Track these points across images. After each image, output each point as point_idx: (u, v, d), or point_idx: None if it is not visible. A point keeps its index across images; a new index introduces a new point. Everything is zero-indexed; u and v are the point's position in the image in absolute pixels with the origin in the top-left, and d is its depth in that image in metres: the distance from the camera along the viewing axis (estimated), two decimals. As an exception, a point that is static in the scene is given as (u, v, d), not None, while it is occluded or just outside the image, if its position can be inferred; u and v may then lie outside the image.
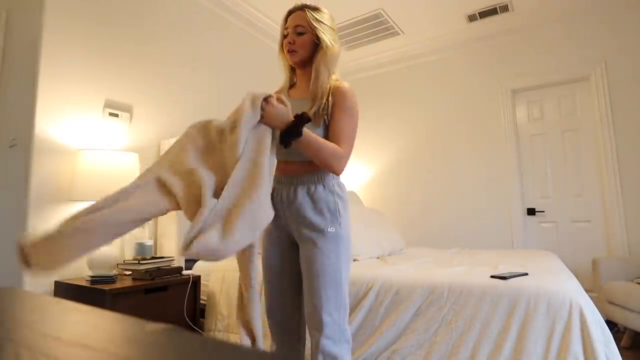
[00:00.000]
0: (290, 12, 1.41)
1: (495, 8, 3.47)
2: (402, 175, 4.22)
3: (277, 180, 1.38)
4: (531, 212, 3.56)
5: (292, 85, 1.49)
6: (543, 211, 3.53)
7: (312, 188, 1.32)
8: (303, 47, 1.36)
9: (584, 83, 3.45)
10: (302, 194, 1.32)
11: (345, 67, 4.53)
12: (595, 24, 3.37)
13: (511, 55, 3.72)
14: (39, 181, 1.98)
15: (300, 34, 1.36)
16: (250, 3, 3.33)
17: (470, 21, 3.68)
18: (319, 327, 1.25)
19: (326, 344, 1.25)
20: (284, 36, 1.40)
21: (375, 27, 3.76)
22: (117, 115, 2.35)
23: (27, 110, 2.03)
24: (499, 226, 3.63)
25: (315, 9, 1.39)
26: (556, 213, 3.48)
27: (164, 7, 2.74)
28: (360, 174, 4.49)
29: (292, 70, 1.47)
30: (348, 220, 1.36)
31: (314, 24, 1.35)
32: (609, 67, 3.29)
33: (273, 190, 1.37)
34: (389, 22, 3.67)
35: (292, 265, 1.39)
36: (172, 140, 2.51)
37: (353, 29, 3.76)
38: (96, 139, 2.24)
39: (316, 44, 1.37)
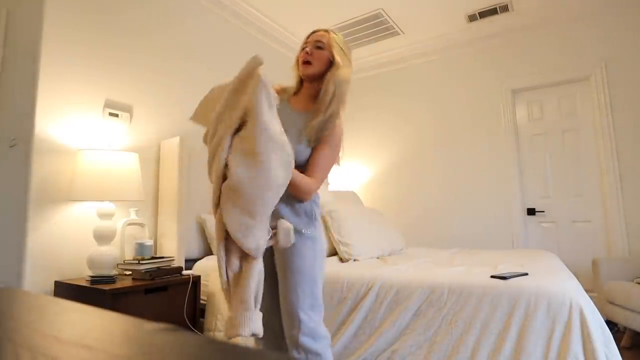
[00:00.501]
0: (314, 31, 1.47)
1: (495, 8, 3.47)
2: (402, 176, 4.22)
3: None
4: (531, 212, 3.56)
5: (295, 92, 1.51)
6: (543, 211, 3.53)
7: (294, 202, 1.38)
8: (319, 61, 1.41)
9: (584, 83, 3.45)
10: (282, 204, 1.34)
11: (345, 67, 4.52)
12: (595, 24, 3.37)
13: (511, 55, 3.72)
14: (39, 181, 1.98)
15: (319, 48, 1.41)
16: (249, 2, 3.33)
17: (470, 21, 3.68)
18: (295, 324, 1.29)
19: (306, 341, 1.28)
20: (303, 49, 1.45)
21: (375, 27, 3.75)
22: (117, 115, 2.35)
23: (27, 110, 2.03)
24: (499, 226, 3.63)
25: (337, 34, 1.46)
26: (556, 213, 3.48)
27: (164, 7, 2.74)
28: (361, 173, 4.49)
29: (300, 82, 1.51)
30: (321, 226, 1.45)
31: (333, 43, 1.41)
32: (609, 67, 3.28)
33: None
34: (389, 22, 3.67)
35: (270, 267, 1.41)
36: (172, 140, 2.53)
37: (353, 29, 3.76)
38: (96, 139, 2.24)
39: (331, 63, 1.41)
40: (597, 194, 3.32)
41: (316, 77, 1.43)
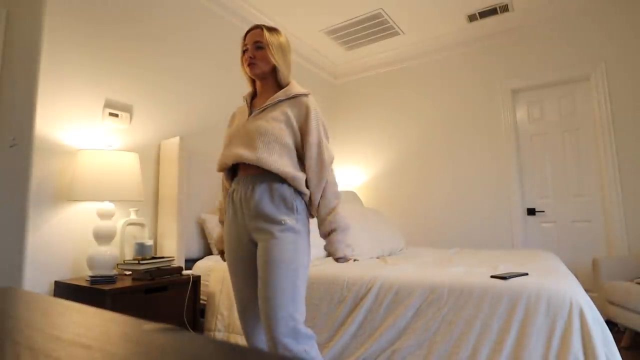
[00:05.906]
0: (249, 30, 1.50)
1: (495, 8, 3.47)
2: (402, 175, 4.22)
3: (237, 181, 1.42)
4: (531, 212, 3.56)
5: (254, 97, 1.56)
6: (543, 211, 3.53)
7: (273, 185, 1.35)
8: (263, 60, 1.44)
9: (584, 83, 3.45)
10: (260, 189, 1.34)
11: (345, 67, 4.53)
12: (595, 24, 3.37)
13: (511, 55, 3.72)
14: (39, 181, 1.98)
15: (259, 48, 1.44)
16: (249, 2, 3.33)
17: (470, 21, 3.68)
18: (274, 323, 1.22)
19: (288, 342, 1.21)
20: (244, 52, 1.48)
21: (375, 27, 3.76)
22: (117, 115, 2.35)
23: (27, 110, 2.03)
24: (499, 226, 3.63)
25: (271, 29, 1.49)
26: (556, 213, 3.48)
27: (164, 7, 2.74)
28: (360, 173, 4.49)
29: (253, 82, 1.56)
30: (307, 221, 1.41)
31: (270, 42, 1.45)
32: (609, 67, 3.29)
33: (233, 190, 1.43)
34: (389, 22, 3.67)
35: (253, 264, 1.40)
36: (172, 140, 2.53)
37: (353, 29, 3.76)
38: (96, 139, 2.24)
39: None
40: (597, 194, 3.32)
41: (266, 74, 1.48)
